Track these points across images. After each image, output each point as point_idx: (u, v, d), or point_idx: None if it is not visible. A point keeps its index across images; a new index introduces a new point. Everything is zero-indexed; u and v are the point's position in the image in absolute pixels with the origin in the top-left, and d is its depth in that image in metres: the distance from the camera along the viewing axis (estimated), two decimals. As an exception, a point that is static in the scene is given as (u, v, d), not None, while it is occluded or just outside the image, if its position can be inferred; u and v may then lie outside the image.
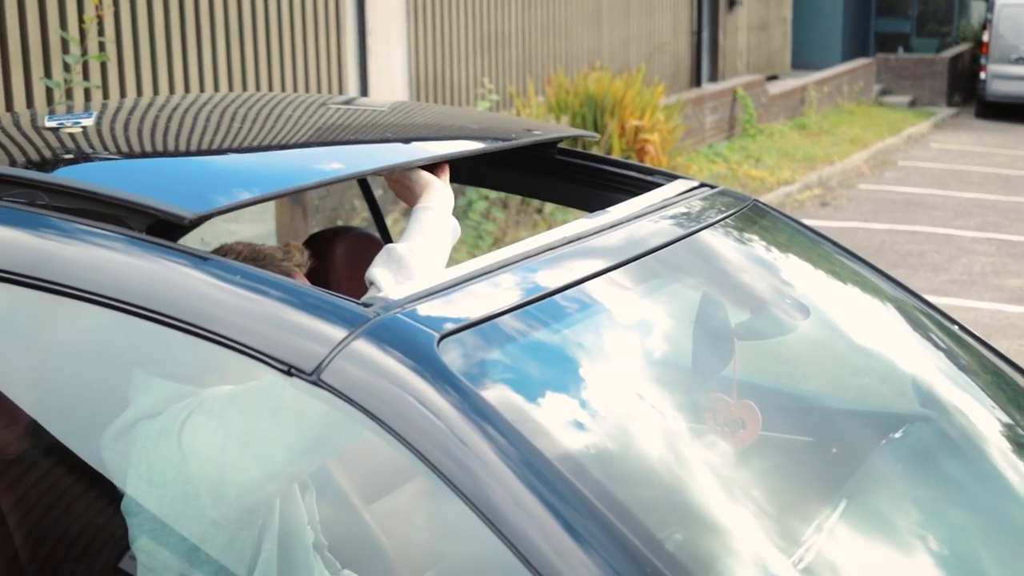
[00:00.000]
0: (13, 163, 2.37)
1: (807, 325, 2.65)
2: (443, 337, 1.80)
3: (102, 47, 7.79)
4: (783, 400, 2.75)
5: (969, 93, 22.55)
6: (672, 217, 2.53)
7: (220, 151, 2.56)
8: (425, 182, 2.46)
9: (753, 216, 2.78)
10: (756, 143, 15.93)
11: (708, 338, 2.48)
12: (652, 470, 1.93)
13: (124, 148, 2.56)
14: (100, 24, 7.56)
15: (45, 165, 2.39)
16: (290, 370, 1.78)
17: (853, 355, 2.83)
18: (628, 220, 2.40)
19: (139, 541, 2.06)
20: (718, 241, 2.59)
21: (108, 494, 2.17)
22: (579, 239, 2.24)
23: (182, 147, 2.56)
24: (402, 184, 2.49)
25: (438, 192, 2.44)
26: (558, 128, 2.96)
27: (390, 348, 1.77)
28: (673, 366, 2.42)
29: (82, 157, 2.45)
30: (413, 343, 1.78)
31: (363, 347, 1.77)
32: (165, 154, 2.52)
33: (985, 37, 20.92)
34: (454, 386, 1.73)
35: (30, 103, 7.75)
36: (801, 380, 2.89)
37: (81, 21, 6.32)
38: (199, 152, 2.54)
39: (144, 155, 2.51)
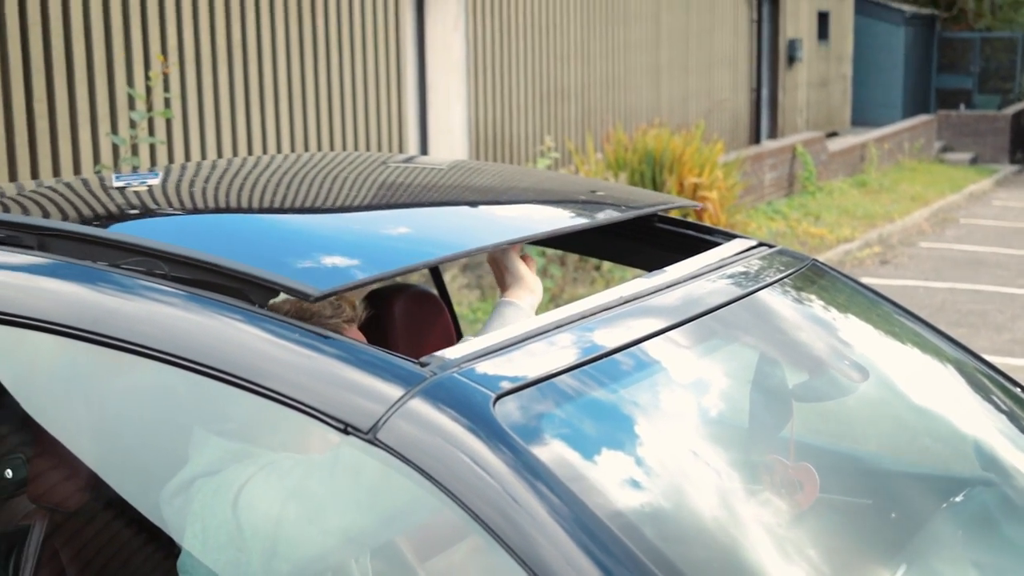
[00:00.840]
0: (104, 226, 2.38)
1: (866, 386, 2.63)
2: (499, 397, 1.80)
3: (167, 103, 7.90)
4: (841, 462, 2.72)
5: (1032, 150, 22.40)
6: (730, 277, 2.52)
7: (325, 218, 2.56)
8: (518, 276, 2.54)
9: (812, 276, 2.77)
10: (815, 200, 15.87)
11: (765, 399, 2.47)
12: (707, 531, 1.92)
13: (226, 214, 2.58)
14: (166, 80, 7.68)
15: (159, 233, 2.39)
16: (346, 428, 1.79)
17: (913, 416, 2.80)
18: (686, 280, 2.40)
19: None
20: (776, 301, 2.58)
21: (166, 550, 2.18)
22: (637, 298, 2.24)
23: (285, 214, 2.58)
24: (497, 265, 2.57)
25: (528, 290, 2.52)
26: (660, 197, 2.95)
27: (446, 407, 1.77)
28: (730, 426, 2.41)
29: (188, 224, 2.46)
30: (469, 403, 1.78)
31: (420, 406, 1.78)
32: (273, 222, 2.52)
33: (1048, 93, 20.80)
34: (509, 446, 1.73)
35: (97, 159, 7.87)
36: (860, 441, 2.86)
37: (147, 78, 6.42)
38: (304, 220, 2.54)
39: (253, 224, 2.51)
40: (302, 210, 2.62)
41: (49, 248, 2.24)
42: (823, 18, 21.83)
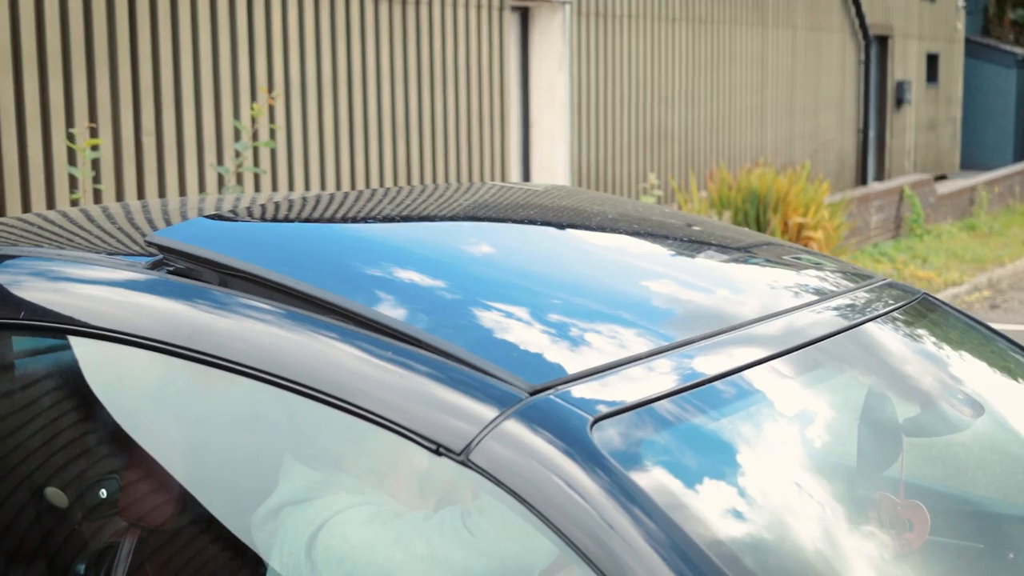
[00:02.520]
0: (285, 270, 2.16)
1: (979, 424, 2.52)
2: (596, 420, 1.73)
3: (272, 135, 7.98)
4: (952, 503, 2.61)
5: None
6: (837, 308, 2.44)
7: (526, 284, 2.28)
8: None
9: (923, 310, 2.67)
10: (923, 243, 15.60)
11: (874, 433, 2.37)
12: (810, 567, 1.83)
13: (402, 265, 2.29)
14: (271, 112, 7.76)
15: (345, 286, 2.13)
16: (438, 449, 1.74)
17: None
18: (792, 309, 2.32)
19: None
20: (886, 334, 2.49)
21: (254, 572, 2.15)
22: (742, 326, 2.16)
23: (473, 271, 2.31)
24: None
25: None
26: (896, 288, 2.73)
27: (542, 430, 1.71)
28: (836, 460, 2.32)
29: (369, 276, 2.21)
30: (565, 425, 1.72)
31: (514, 427, 1.72)
32: (460, 284, 2.23)
33: None
34: (606, 470, 1.66)
35: (202, 187, 7.96)
36: (971, 483, 2.74)
37: (252, 108, 6.48)
38: (499, 283, 2.26)
39: (436, 282, 2.24)
40: (493, 267, 2.38)
41: (231, 285, 2.11)
42: (932, 60, 21.53)
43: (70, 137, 7.04)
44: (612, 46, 12.57)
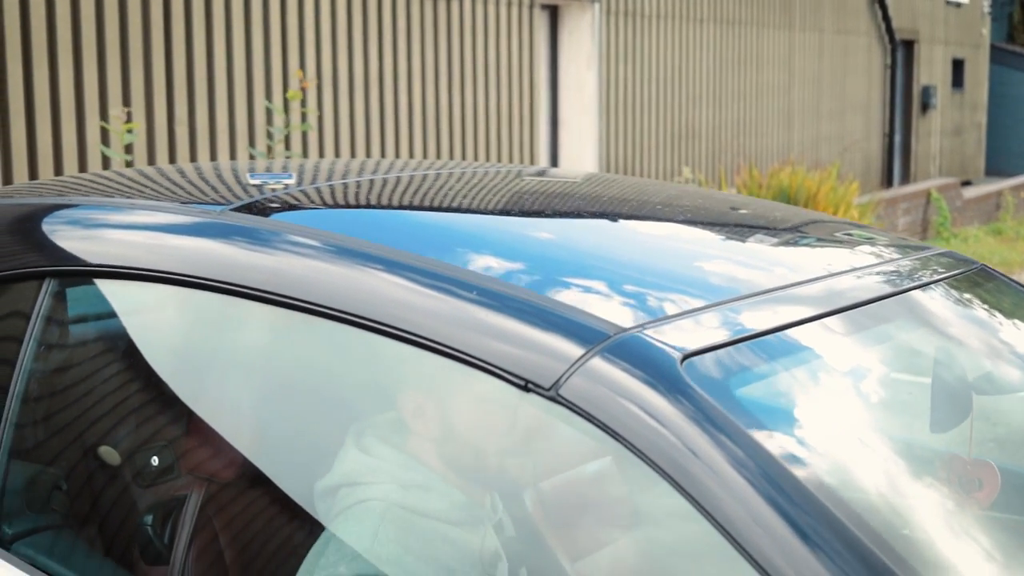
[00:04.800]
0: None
1: None
2: (686, 357, 1.75)
3: (304, 118, 8.02)
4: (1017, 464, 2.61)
5: None
6: (901, 270, 2.46)
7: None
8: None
9: (980, 279, 2.68)
10: (950, 246, 15.56)
11: (946, 390, 2.37)
12: (889, 505, 1.83)
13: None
14: (304, 97, 7.80)
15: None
16: (527, 385, 1.75)
17: None
18: (857, 269, 2.34)
19: None
20: (949, 297, 2.50)
21: (313, 534, 2.14)
22: (819, 279, 2.18)
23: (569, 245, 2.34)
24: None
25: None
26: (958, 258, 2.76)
27: (631, 365, 1.72)
28: (909, 412, 2.32)
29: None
30: (655, 361, 1.73)
31: (603, 363, 1.73)
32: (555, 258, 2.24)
33: None
34: (696, 402, 1.67)
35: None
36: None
37: (285, 91, 6.51)
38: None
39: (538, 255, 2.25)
40: (570, 237, 2.42)
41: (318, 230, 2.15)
42: (958, 65, 21.49)
43: (105, 118, 7.11)
44: (641, 45, 12.57)
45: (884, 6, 17.95)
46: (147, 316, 2.34)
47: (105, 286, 2.30)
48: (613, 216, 2.64)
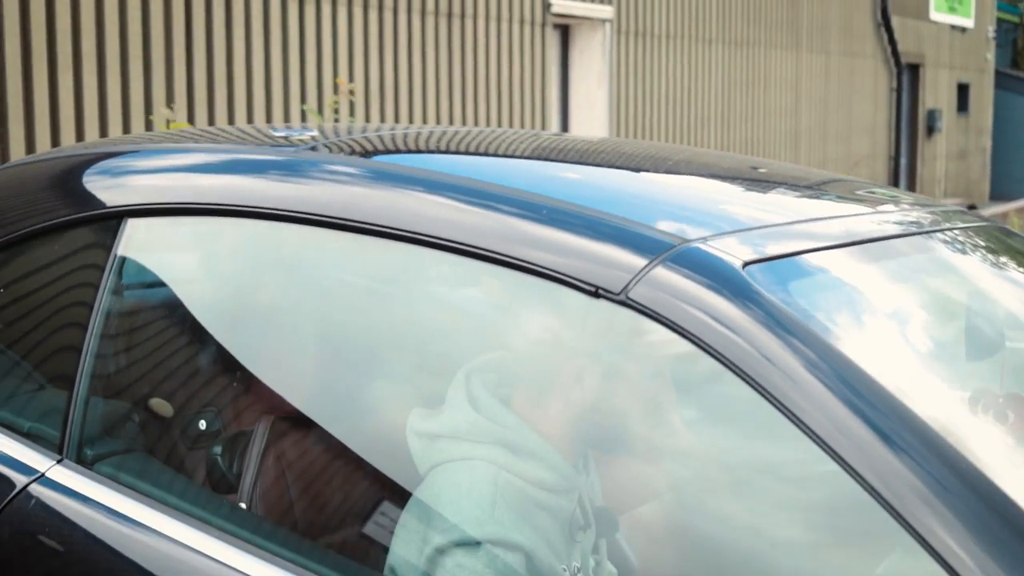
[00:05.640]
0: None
1: None
2: (747, 264, 1.87)
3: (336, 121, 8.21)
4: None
5: None
6: (940, 214, 2.58)
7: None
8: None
9: (1002, 235, 2.81)
10: (957, 266, 15.65)
11: (981, 324, 2.48)
12: (944, 418, 1.93)
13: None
14: (336, 109, 7.97)
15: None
16: (597, 291, 1.86)
17: None
18: (909, 204, 2.48)
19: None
20: (973, 244, 2.62)
21: (406, 482, 2.19)
22: (863, 214, 2.31)
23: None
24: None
25: None
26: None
27: (695, 272, 1.84)
28: (945, 339, 2.43)
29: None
30: (718, 267, 1.85)
31: (669, 270, 1.85)
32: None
33: None
34: (758, 301, 1.79)
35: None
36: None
37: (319, 106, 6.66)
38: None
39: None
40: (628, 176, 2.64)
41: None
42: (963, 90, 21.65)
43: (150, 113, 7.38)
44: (651, 65, 12.73)
45: (890, 29, 18.13)
46: (223, 250, 2.44)
47: (182, 223, 2.41)
48: (661, 160, 2.79)
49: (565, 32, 12.09)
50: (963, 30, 21.38)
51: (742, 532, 2.00)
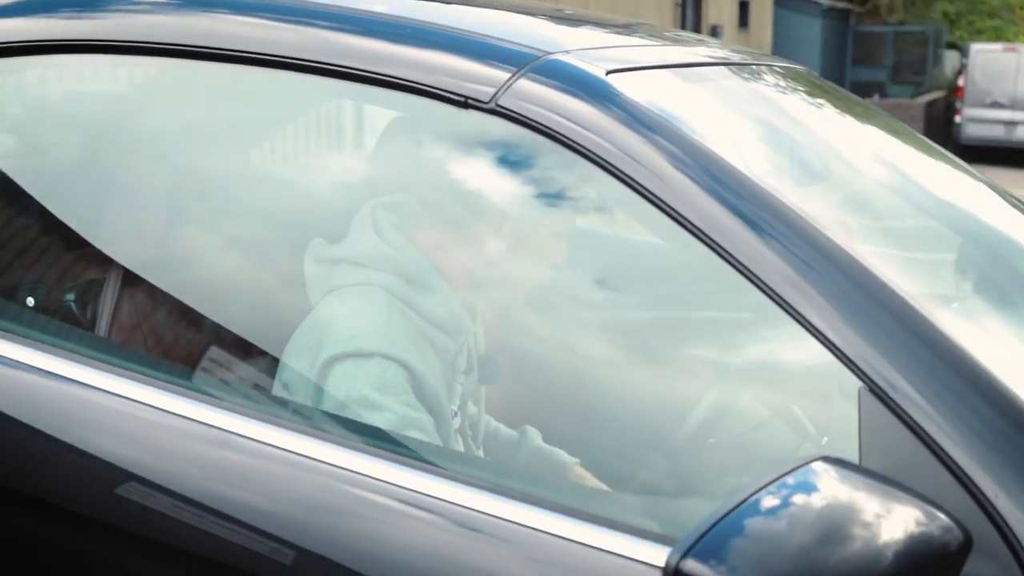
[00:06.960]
0: None
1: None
2: (610, 72, 1.96)
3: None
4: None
5: (944, 137, 22.89)
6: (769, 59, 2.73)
7: None
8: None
9: (815, 80, 2.96)
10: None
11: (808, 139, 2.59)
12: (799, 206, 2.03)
13: None
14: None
15: None
16: (466, 101, 1.92)
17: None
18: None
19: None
20: (800, 79, 2.77)
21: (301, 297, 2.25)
22: (696, 44, 2.46)
23: None
24: None
25: None
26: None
27: (560, 81, 1.92)
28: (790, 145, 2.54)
29: None
30: (582, 75, 1.94)
31: (535, 79, 1.92)
32: None
33: (960, 82, 21.21)
34: (622, 106, 1.88)
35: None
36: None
37: None
38: None
39: None
40: None
41: None
42: (744, 7, 22.26)
43: None
44: None
45: (675, -55, 18.49)
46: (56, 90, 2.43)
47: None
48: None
49: None
50: (744, -52, 21.93)
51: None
